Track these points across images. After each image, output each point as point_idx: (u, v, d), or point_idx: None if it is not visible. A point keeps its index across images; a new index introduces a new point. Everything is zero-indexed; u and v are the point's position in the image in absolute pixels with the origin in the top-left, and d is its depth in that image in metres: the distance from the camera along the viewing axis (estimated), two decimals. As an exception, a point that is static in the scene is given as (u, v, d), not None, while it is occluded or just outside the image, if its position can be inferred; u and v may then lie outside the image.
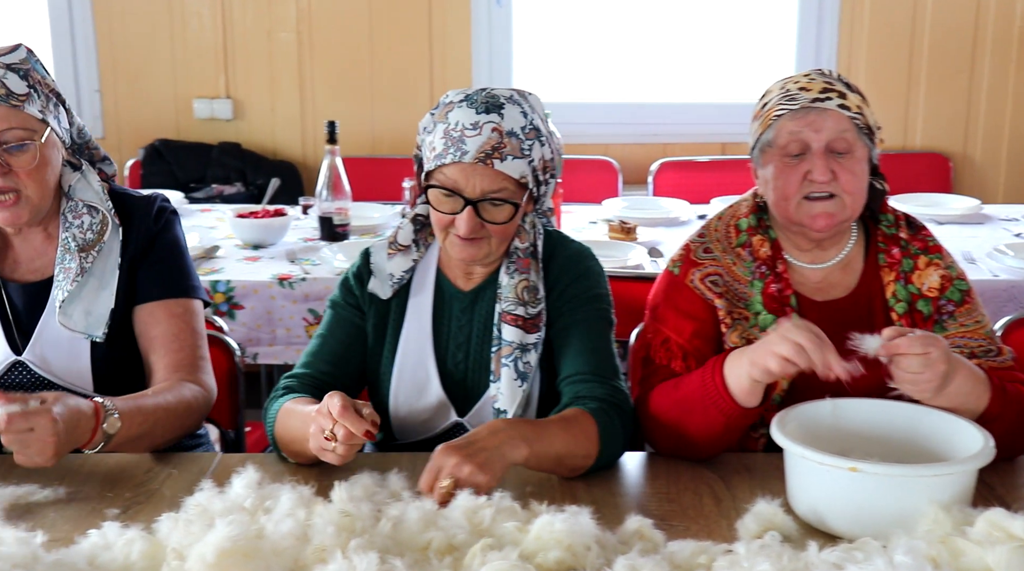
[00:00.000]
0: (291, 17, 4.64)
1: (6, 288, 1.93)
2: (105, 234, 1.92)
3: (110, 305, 1.91)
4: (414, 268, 1.92)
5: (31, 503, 1.63)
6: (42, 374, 1.90)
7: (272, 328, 2.99)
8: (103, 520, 1.54)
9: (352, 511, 1.43)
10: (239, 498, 1.50)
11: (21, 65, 1.84)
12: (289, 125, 4.74)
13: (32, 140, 1.82)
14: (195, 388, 1.90)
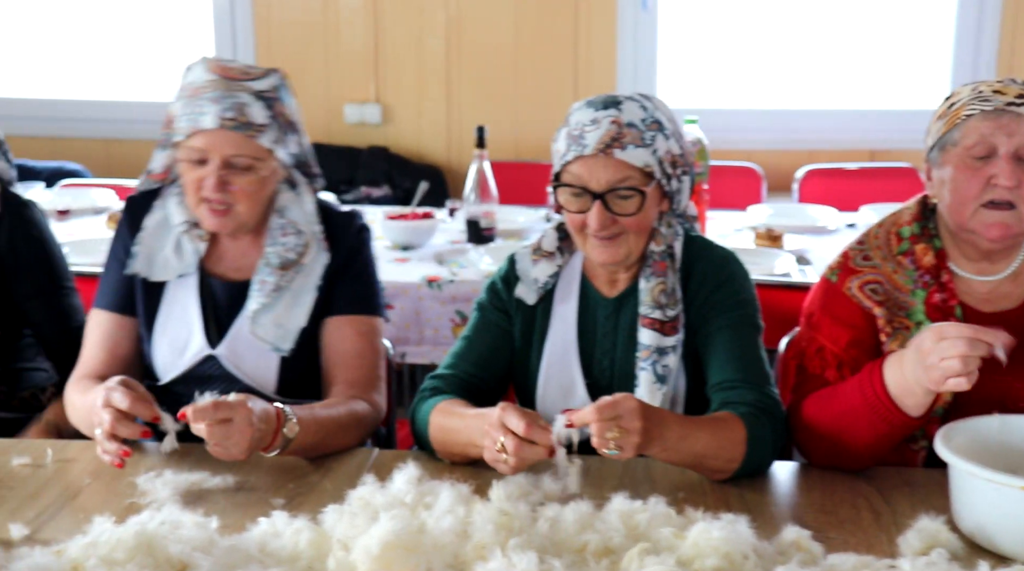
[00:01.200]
0: (440, 24, 4.73)
1: (209, 281, 2.01)
2: (306, 256, 1.98)
3: (301, 323, 1.97)
4: (559, 273, 1.94)
5: (203, 490, 1.71)
6: (231, 370, 1.98)
7: (420, 328, 3.05)
8: (270, 509, 1.61)
9: (510, 510, 1.46)
10: (400, 493, 1.54)
11: (270, 93, 1.90)
12: (435, 129, 4.84)
13: (255, 168, 1.89)
14: (367, 406, 1.94)
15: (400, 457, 1.83)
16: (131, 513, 1.56)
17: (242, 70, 1.90)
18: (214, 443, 1.66)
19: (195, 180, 1.90)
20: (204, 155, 1.87)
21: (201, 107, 1.86)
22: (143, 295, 2.01)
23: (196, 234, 1.99)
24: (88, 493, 1.73)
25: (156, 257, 2.00)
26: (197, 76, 1.90)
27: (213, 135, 1.86)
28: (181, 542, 1.40)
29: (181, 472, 1.73)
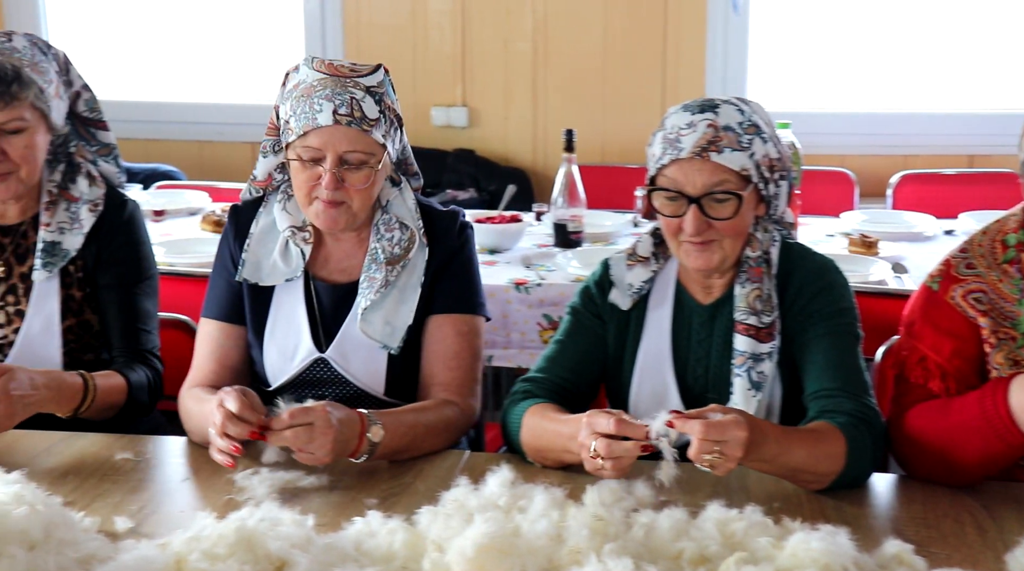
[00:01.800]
0: (527, 27, 4.74)
1: (315, 286, 2.04)
2: (411, 251, 1.99)
3: (409, 321, 1.98)
4: (653, 279, 1.93)
5: (298, 488, 1.73)
6: (341, 372, 2.00)
7: (507, 331, 3.05)
8: (363, 509, 1.63)
9: (605, 515, 1.46)
10: (494, 496, 1.55)
11: (378, 89, 1.92)
12: (521, 133, 4.85)
13: (368, 163, 1.91)
14: (458, 410, 1.95)
15: (493, 460, 1.84)
16: (229, 509, 1.58)
17: (350, 67, 1.93)
18: (298, 448, 1.69)
19: (308, 179, 1.92)
20: (319, 153, 1.89)
21: (315, 104, 1.87)
22: (251, 302, 2.04)
23: (301, 237, 2.02)
24: (187, 489, 1.77)
25: (263, 263, 2.02)
26: (306, 76, 1.92)
27: (329, 131, 1.87)
28: (280, 539, 1.42)
29: (277, 470, 1.75)
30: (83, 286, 2.16)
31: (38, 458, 1.85)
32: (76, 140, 2.22)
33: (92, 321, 2.18)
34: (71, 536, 1.42)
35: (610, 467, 1.56)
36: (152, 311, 2.23)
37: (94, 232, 2.15)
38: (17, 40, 2.07)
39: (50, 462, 1.83)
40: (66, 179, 2.17)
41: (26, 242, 2.15)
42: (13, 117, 2.01)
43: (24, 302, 2.13)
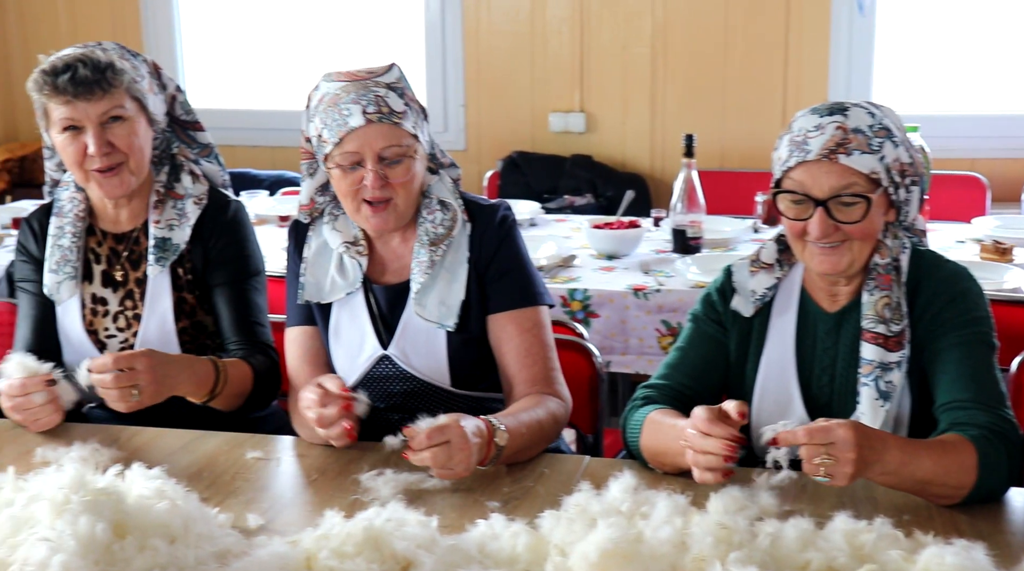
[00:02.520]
0: (646, 32, 4.72)
1: (372, 290, 2.08)
2: (454, 230, 2.02)
3: (460, 297, 2.01)
4: (777, 286, 1.90)
5: (421, 490, 1.76)
6: (405, 368, 2.04)
7: (625, 337, 3.05)
8: (485, 511, 1.65)
9: (729, 524, 1.44)
10: (616, 501, 1.55)
11: (397, 84, 1.98)
12: (639, 138, 4.83)
13: (406, 154, 1.96)
14: (557, 401, 1.97)
15: (613, 466, 1.84)
16: (355, 509, 1.62)
17: (366, 70, 1.98)
18: (438, 467, 1.71)
19: (352, 184, 1.96)
20: (357, 156, 1.93)
21: (344, 110, 1.92)
22: (319, 311, 2.10)
23: (356, 251, 2.06)
24: (315, 488, 1.81)
25: (323, 282, 2.08)
26: (328, 88, 1.98)
27: (363, 132, 1.92)
28: (406, 539, 1.44)
29: (401, 472, 1.79)
30: (194, 289, 2.23)
31: (174, 455, 1.92)
32: (177, 143, 2.30)
33: (206, 322, 2.25)
34: (208, 531, 1.48)
35: (712, 465, 1.57)
36: (264, 306, 2.28)
37: (200, 233, 2.22)
38: (107, 44, 2.16)
39: (185, 459, 1.90)
40: (171, 179, 2.25)
41: (139, 248, 2.23)
42: (113, 105, 2.08)
43: (141, 306, 2.21)
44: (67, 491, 1.40)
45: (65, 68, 2.04)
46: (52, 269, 2.20)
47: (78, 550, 1.34)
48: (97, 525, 1.37)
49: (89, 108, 2.06)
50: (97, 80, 2.05)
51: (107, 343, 2.21)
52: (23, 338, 2.22)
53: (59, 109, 2.07)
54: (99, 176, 2.12)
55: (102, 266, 2.24)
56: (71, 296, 2.21)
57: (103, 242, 2.25)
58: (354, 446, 1.94)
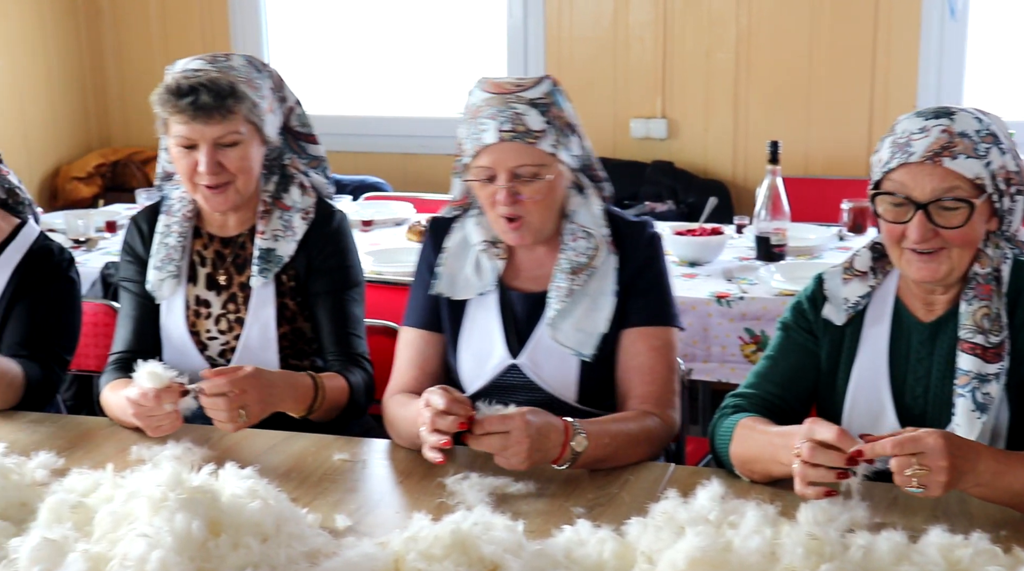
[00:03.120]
0: (730, 38, 4.69)
1: (508, 295, 2.09)
2: (596, 259, 2.01)
3: (603, 329, 2.00)
4: (871, 294, 1.87)
5: (506, 494, 1.76)
6: (533, 379, 2.04)
7: (707, 345, 3.02)
8: (570, 516, 1.65)
9: (820, 535, 1.43)
10: (704, 510, 1.54)
11: (543, 100, 1.96)
12: (721, 144, 4.79)
13: (540, 175, 1.96)
14: (660, 422, 1.96)
15: (698, 474, 1.83)
16: (441, 512, 1.63)
17: (514, 83, 1.97)
18: (496, 453, 1.73)
19: (488, 196, 1.98)
20: (491, 171, 1.95)
21: (481, 125, 1.94)
22: (448, 311, 2.10)
23: (494, 252, 2.07)
24: (401, 490, 1.83)
25: (458, 277, 2.09)
26: (476, 98, 1.99)
27: (496, 149, 1.93)
28: (493, 543, 1.45)
29: (486, 476, 1.79)
30: (296, 295, 2.26)
31: (263, 456, 1.95)
32: (289, 153, 2.34)
33: (305, 329, 2.28)
34: (299, 531, 1.50)
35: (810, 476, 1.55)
36: (361, 317, 2.32)
37: (305, 242, 2.25)
38: (235, 59, 2.19)
39: (274, 460, 1.93)
40: (279, 189, 2.28)
41: (244, 253, 2.27)
42: (229, 130, 2.12)
43: (243, 310, 2.25)
44: (164, 489, 1.44)
45: (189, 91, 2.08)
46: (156, 266, 2.25)
47: (175, 546, 1.37)
48: (193, 522, 1.40)
49: (206, 130, 2.10)
50: (217, 107, 2.08)
51: (208, 345, 2.26)
52: (123, 338, 2.28)
53: (177, 126, 2.12)
54: (206, 191, 2.16)
55: (207, 269, 2.28)
56: (171, 294, 2.25)
57: (209, 245, 2.29)
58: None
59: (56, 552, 1.40)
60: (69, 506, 1.53)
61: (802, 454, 1.55)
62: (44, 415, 2.19)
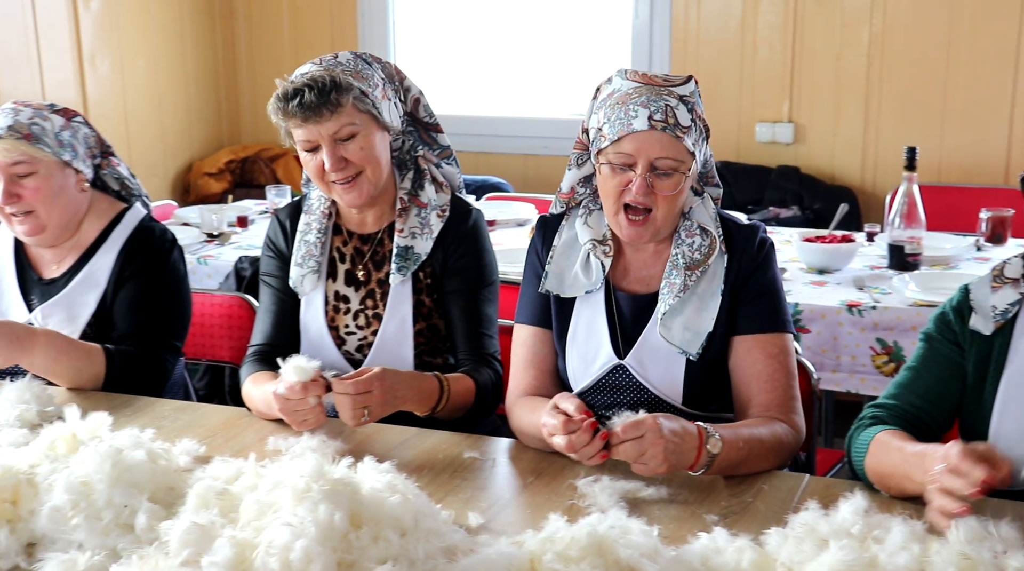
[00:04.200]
0: (863, 41, 4.58)
1: (615, 295, 2.08)
2: (711, 258, 2.00)
3: (708, 328, 1.99)
4: (1021, 302, 1.80)
5: (638, 499, 1.75)
6: (639, 379, 2.03)
7: (837, 354, 2.96)
8: (703, 523, 1.63)
9: (973, 555, 1.38)
10: (847, 523, 1.50)
11: (690, 98, 1.96)
12: (850, 150, 4.68)
13: (678, 170, 1.94)
14: (789, 429, 1.93)
15: (834, 486, 1.79)
16: (572, 513, 1.63)
17: (663, 77, 1.96)
18: (632, 461, 1.71)
19: (618, 185, 1.96)
20: (631, 158, 1.93)
21: (631, 111, 1.91)
22: (556, 309, 2.11)
23: (602, 251, 2.06)
24: (531, 491, 1.83)
25: (566, 275, 2.09)
26: (620, 85, 1.97)
27: (643, 137, 1.91)
28: (629, 547, 1.44)
29: (617, 479, 1.79)
30: (432, 292, 2.29)
31: (395, 450, 1.98)
32: (421, 146, 2.36)
33: (439, 326, 2.31)
34: (436, 526, 1.51)
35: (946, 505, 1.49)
36: (493, 316, 2.33)
37: (441, 240, 2.28)
38: (341, 55, 2.21)
39: (406, 455, 1.95)
40: (415, 186, 2.31)
41: (382, 249, 2.31)
42: (342, 124, 2.14)
43: (381, 306, 2.28)
44: (308, 480, 1.46)
45: (294, 94, 2.11)
46: (298, 263, 2.30)
47: (318, 536, 1.40)
48: (336, 514, 1.42)
49: (320, 129, 2.13)
50: (323, 103, 2.11)
51: (346, 340, 2.30)
52: (262, 331, 2.34)
53: (296, 131, 2.17)
54: (339, 188, 2.20)
55: (346, 265, 2.33)
56: (312, 290, 2.30)
57: (348, 242, 2.33)
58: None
59: (205, 537, 1.44)
60: (215, 493, 1.57)
61: (937, 479, 1.50)
62: (185, 403, 2.26)
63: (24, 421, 2.00)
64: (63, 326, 2.35)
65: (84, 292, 2.38)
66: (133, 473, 1.60)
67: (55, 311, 2.37)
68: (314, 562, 1.37)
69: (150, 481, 1.63)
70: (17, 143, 2.29)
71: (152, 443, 1.74)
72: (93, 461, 1.59)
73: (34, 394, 2.07)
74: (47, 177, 2.33)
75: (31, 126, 2.31)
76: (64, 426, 1.78)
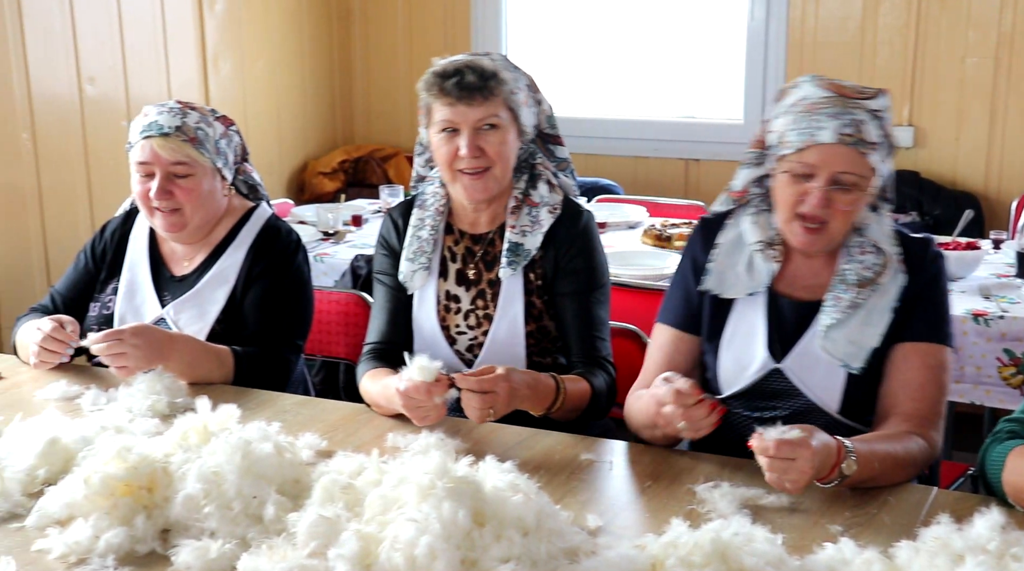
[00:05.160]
0: (990, 42, 4.43)
1: (777, 301, 2.05)
2: (882, 277, 1.96)
3: (874, 343, 1.95)
4: None
5: (759, 506, 1.73)
6: (796, 385, 2.00)
7: (961, 364, 2.88)
8: (827, 534, 1.60)
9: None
10: (982, 539, 1.46)
11: (881, 113, 1.92)
12: (974, 154, 4.54)
13: (859, 186, 1.90)
14: (923, 444, 1.88)
15: (964, 499, 1.74)
16: (692, 519, 1.62)
17: (855, 89, 1.93)
18: (775, 476, 1.68)
19: (794, 194, 1.93)
20: (812, 170, 1.90)
21: (818, 122, 1.88)
22: (711, 310, 2.08)
23: (770, 254, 2.03)
24: (649, 494, 1.82)
25: (728, 275, 2.06)
26: (809, 92, 1.93)
27: (828, 150, 1.88)
28: (754, 555, 1.42)
29: (737, 486, 1.77)
30: (542, 294, 2.29)
31: (512, 450, 1.98)
32: (540, 155, 2.37)
33: (550, 327, 2.31)
34: (558, 527, 1.51)
35: None
36: (606, 318, 2.32)
37: (553, 241, 2.28)
38: (494, 54, 2.27)
39: (523, 455, 1.96)
40: (528, 187, 2.32)
41: (494, 250, 2.33)
42: (490, 113, 2.19)
43: (492, 307, 2.30)
44: (432, 477, 1.48)
45: (455, 72, 2.17)
46: (408, 258, 2.33)
47: (442, 533, 1.41)
48: (460, 511, 1.43)
49: (468, 112, 2.18)
50: (480, 87, 2.16)
51: (457, 339, 2.32)
52: (377, 328, 2.37)
53: (442, 110, 2.20)
54: (465, 178, 2.23)
55: (457, 265, 2.35)
56: (422, 286, 2.33)
57: (460, 241, 2.36)
58: (686, 455, 1.94)
59: (331, 529, 1.47)
60: (340, 487, 1.60)
61: None
62: (305, 398, 2.31)
63: (155, 411, 2.07)
64: (194, 322, 2.42)
65: (214, 289, 2.45)
66: (261, 465, 1.64)
67: (186, 307, 2.45)
68: (438, 559, 1.39)
69: (277, 473, 1.67)
70: (183, 145, 2.38)
71: (278, 436, 1.77)
72: (224, 452, 1.63)
73: (165, 385, 2.14)
74: (200, 180, 2.42)
75: (197, 130, 2.41)
76: (196, 417, 1.83)
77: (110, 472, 1.59)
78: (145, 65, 4.52)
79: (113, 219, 2.63)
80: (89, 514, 1.57)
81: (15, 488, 1.71)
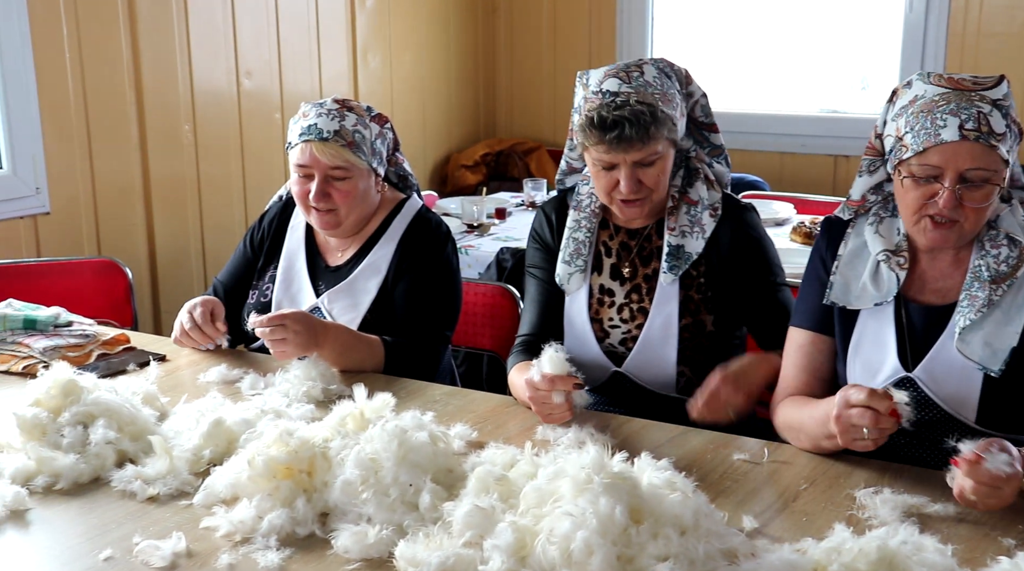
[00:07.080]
0: None
1: (907, 307, 1.97)
2: (1020, 270, 1.87)
3: (1013, 343, 1.85)
4: None
5: (924, 514, 1.67)
6: (929, 394, 1.92)
7: None
8: (999, 547, 1.54)
9: None
10: None
11: (1004, 102, 1.83)
12: None
13: (991, 180, 1.81)
14: None
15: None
16: (851, 525, 1.57)
17: (972, 80, 1.83)
18: (977, 499, 1.61)
19: (921, 197, 1.85)
20: (937, 170, 1.82)
21: (938, 120, 1.80)
22: (839, 318, 2.01)
23: (896, 262, 1.95)
24: (806, 497, 1.77)
25: (852, 285, 1.98)
26: (923, 90, 1.85)
27: (952, 148, 1.79)
28: (923, 566, 1.37)
29: (899, 492, 1.71)
30: (703, 289, 2.27)
31: (662, 448, 1.96)
32: (693, 145, 2.34)
33: (706, 321, 2.28)
34: (716, 527, 1.48)
35: None
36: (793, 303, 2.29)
37: (715, 239, 2.25)
38: (647, 71, 2.20)
39: (673, 453, 1.92)
40: (685, 184, 2.29)
41: (650, 245, 2.30)
42: (649, 153, 2.17)
43: (647, 301, 2.28)
44: (589, 471, 1.47)
45: (613, 125, 2.14)
46: (565, 260, 2.33)
47: (598, 528, 1.40)
48: (616, 507, 1.42)
49: (627, 156, 2.18)
50: (640, 137, 2.15)
51: (610, 332, 2.31)
52: (529, 321, 2.38)
53: (599, 152, 2.20)
54: (622, 205, 2.24)
55: (612, 259, 2.34)
56: (579, 288, 2.33)
57: (615, 236, 2.35)
58: (842, 459, 1.88)
59: (486, 520, 1.48)
60: (494, 478, 1.60)
61: None
62: (454, 389, 2.33)
63: (310, 397, 2.12)
64: (347, 312, 2.47)
65: (366, 279, 2.50)
66: (417, 453, 1.66)
67: (340, 297, 2.50)
68: (594, 554, 1.38)
69: (431, 462, 1.68)
70: (342, 150, 2.42)
71: (432, 425, 1.79)
72: (381, 440, 1.65)
73: (319, 372, 2.19)
74: (356, 182, 2.46)
75: (354, 133, 2.45)
76: (353, 405, 1.87)
77: (272, 455, 1.63)
78: (298, 59, 4.64)
79: (271, 208, 2.70)
80: (253, 495, 1.61)
81: (183, 467, 1.78)
